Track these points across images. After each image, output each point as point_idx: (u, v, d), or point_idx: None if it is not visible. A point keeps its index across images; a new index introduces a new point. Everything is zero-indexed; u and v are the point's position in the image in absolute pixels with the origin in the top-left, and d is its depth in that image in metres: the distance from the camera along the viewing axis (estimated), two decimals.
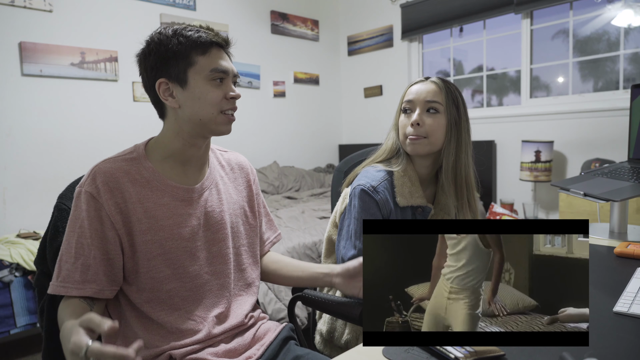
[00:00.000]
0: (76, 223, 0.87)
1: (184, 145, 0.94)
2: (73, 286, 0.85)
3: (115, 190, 0.88)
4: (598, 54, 3.09)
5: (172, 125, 0.93)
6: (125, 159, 0.92)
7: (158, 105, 0.94)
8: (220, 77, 0.91)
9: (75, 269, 0.85)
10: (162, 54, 0.88)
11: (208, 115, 0.90)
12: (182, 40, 0.88)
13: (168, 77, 0.89)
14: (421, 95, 1.16)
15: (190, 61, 0.89)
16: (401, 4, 3.95)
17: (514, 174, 3.36)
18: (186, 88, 0.89)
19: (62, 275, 0.85)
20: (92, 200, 0.86)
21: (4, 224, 2.61)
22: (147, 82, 0.92)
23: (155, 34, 0.91)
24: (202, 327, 0.93)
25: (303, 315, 2.09)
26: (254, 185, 1.12)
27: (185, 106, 0.90)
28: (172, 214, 0.92)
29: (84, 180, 0.88)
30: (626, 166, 1.41)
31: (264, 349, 0.99)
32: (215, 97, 0.90)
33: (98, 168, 0.89)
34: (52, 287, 0.86)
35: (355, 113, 4.54)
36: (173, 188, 0.93)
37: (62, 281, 0.85)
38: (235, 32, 3.74)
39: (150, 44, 0.90)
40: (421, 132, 1.14)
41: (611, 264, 1.06)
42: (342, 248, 1.18)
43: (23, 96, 2.69)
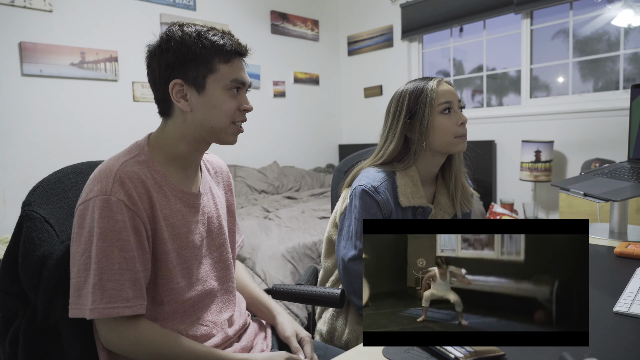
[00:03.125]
0: (114, 235, 0.78)
1: (189, 150, 0.90)
2: (124, 305, 0.77)
3: (143, 196, 0.83)
4: (598, 54, 3.09)
5: (178, 128, 0.88)
6: (137, 161, 0.85)
7: (164, 103, 0.89)
8: (238, 87, 0.88)
9: (122, 286, 0.78)
10: (182, 54, 0.84)
11: (220, 124, 0.87)
12: (206, 44, 0.84)
13: (185, 79, 0.85)
14: (453, 95, 1.19)
15: (212, 67, 0.85)
16: (401, 4, 3.95)
17: (514, 174, 3.36)
18: (203, 94, 0.86)
19: (107, 294, 0.76)
20: (126, 209, 0.79)
21: (4, 224, 2.61)
22: (157, 78, 0.87)
23: (176, 29, 0.86)
24: (216, 332, 0.93)
25: (303, 315, 2.09)
26: (233, 189, 1.12)
27: (198, 111, 0.86)
28: (186, 221, 0.89)
29: (107, 187, 0.79)
30: (626, 166, 1.41)
31: (270, 341, 1.04)
32: (231, 107, 0.87)
33: (120, 172, 0.81)
34: (97, 311, 0.76)
35: (355, 113, 4.54)
36: (184, 194, 0.90)
37: (109, 302, 0.76)
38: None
39: (170, 40, 0.85)
40: (466, 130, 1.20)
41: (611, 264, 1.06)
42: (342, 248, 1.19)
43: (23, 96, 2.69)
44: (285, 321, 1.06)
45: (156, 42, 0.87)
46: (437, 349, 0.66)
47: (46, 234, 0.84)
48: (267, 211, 2.90)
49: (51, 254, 0.84)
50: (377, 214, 1.14)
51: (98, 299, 0.76)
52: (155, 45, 0.87)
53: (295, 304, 2.06)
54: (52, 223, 0.86)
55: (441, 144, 1.17)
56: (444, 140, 1.17)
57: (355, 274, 1.15)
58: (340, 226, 1.23)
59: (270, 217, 2.73)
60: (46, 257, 0.83)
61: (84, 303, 0.77)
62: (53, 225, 0.86)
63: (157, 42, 0.87)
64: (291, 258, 2.24)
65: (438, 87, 1.18)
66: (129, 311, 0.78)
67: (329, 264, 1.33)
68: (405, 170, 1.19)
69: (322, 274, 1.36)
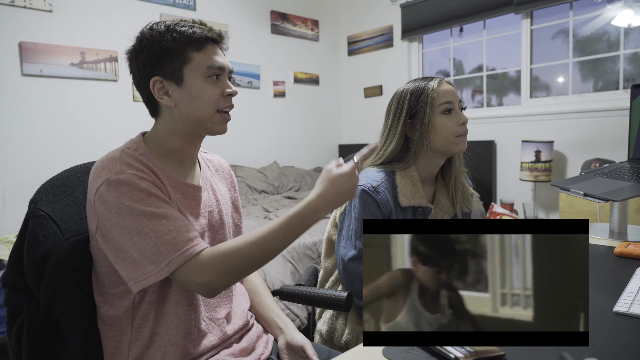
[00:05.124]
0: (142, 200, 0.79)
1: (182, 144, 0.90)
2: (191, 245, 0.78)
3: (152, 173, 0.84)
4: (598, 54, 3.09)
5: (168, 124, 0.89)
6: (136, 152, 0.86)
7: (151, 104, 0.90)
8: (217, 74, 0.88)
9: (179, 232, 0.78)
10: (155, 51, 0.84)
11: (205, 114, 0.87)
12: (175, 36, 0.85)
13: (163, 75, 0.86)
14: (454, 96, 1.19)
15: (186, 58, 0.85)
16: (401, 4, 3.95)
17: (514, 174, 3.36)
18: (182, 86, 0.86)
19: (172, 245, 0.77)
20: (140, 180, 0.80)
21: (4, 224, 2.61)
22: (139, 80, 0.88)
23: (146, 29, 0.86)
24: (212, 329, 0.92)
25: (303, 315, 2.09)
26: (236, 186, 1.12)
27: (182, 105, 0.87)
28: (186, 211, 0.89)
29: (115, 168, 0.80)
30: (626, 166, 1.41)
31: (271, 347, 1.03)
32: (212, 95, 0.87)
33: (124, 157, 0.83)
34: (174, 263, 0.77)
35: (355, 113, 4.54)
36: (183, 185, 0.90)
37: (177, 250, 0.77)
38: (235, 32, 3.74)
39: (141, 40, 0.86)
40: (467, 129, 1.20)
41: (611, 264, 1.06)
42: (342, 248, 1.19)
43: (23, 96, 2.69)
44: (297, 334, 1.03)
45: (131, 46, 0.88)
46: (437, 349, 0.66)
47: (50, 231, 0.86)
48: (267, 211, 2.90)
49: (54, 251, 0.85)
50: (377, 214, 1.14)
51: (167, 253, 0.77)
52: (130, 49, 0.88)
53: (295, 304, 2.06)
54: (57, 221, 0.87)
55: (442, 144, 1.17)
56: (444, 140, 1.17)
57: (355, 274, 1.15)
58: (340, 226, 1.23)
59: (270, 217, 2.73)
60: (49, 254, 0.84)
61: (154, 268, 0.77)
62: (58, 222, 0.87)
63: (132, 46, 0.88)
64: (291, 258, 2.24)
65: (439, 87, 1.18)
66: (199, 247, 0.79)
67: (329, 264, 1.33)
68: (405, 170, 1.19)
69: (322, 274, 1.36)
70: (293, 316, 2.05)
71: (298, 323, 2.05)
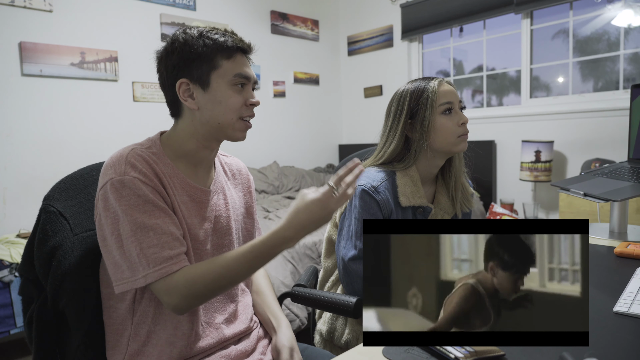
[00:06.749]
0: (138, 207, 0.81)
1: (198, 147, 0.92)
2: (169, 263, 0.81)
3: (154, 177, 0.85)
4: (598, 54, 3.09)
5: (188, 126, 0.91)
6: (149, 151, 0.88)
7: (174, 105, 0.92)
8: (242, 83, 0.90)
9: (162, 248, 0.81)
10: (186, 54, 0.87)
11: (227, 120, 0.89)
12: (208, 42, 0.87)
13: (190, 77, 0.88)
14: (454, 96, 1.19)
15: (215, 64, 0.88)
16: (401, 4, 3.95)
17: (514, 174, 3.36)
18: (208, 91, 0.88)
19: (152, 259, 0.80)
20: (142, 184, 0.82)
21: (4, 224, 2.61)
22: (165, 80, 0.90)
23: (180, 32, 0.89)
24: (210, 333, 0.93)
25: (303, 315, 2.09)
26: (253, 192, 1.12)
27: (205, 109, 0.88)
28: (191, 214, 0.90)
29: (120, 169, 0.82)
30: (626, 166, 1.41)
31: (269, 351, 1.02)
32: (236, 102, 0.89)
33: (131, 156, 0.84)
34: (150, 276, 0.80)
35: (355, 113, 4.54)
36: (192, 187, 0.91)
37: (156, 265, 0.80)
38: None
39: (174, 42, 0.88)
40: (467, 129, 1.20)
41: (611, 264, 1.06)
42: (342, 248, 1.19)
43: (23, 96, 2.69)
44: (288, 333, 1.03)
45: (163, 47, 0.91)
46: (437, 349, 0.66)
47: (59, 227, 0.91)
48: (267, 211, 2.90)
49: (61, 245, 0.90)
50: (377, 213, 1.14)
51: (145, 266, 0.80)
52: (161, 49, 0.91)
53: (295, 304, 2.06)
54: (67, 217, 0.92)
55: (442, 144, 1.17)
56: (445, 141, 1.17)
57: (355, 274, 1.15)
58: (340, 226, 1.23)
59: (270, 217, 2.73)
60: (57, 248, 0.89)
61: (131, 276, 0.81)
62: (68, 218, 0.92)
63: (164, 47, 0.91)
64: (291, 258, 2.24)
65: (439, 87, 1.18)
66: (176, 266, 0.81)
67: (329, 264, 1.33)
68: (406, 170, 1.19)
69: (322, 274, 1.36)
70: (293, 316, 2.05)
71: (298, 323, 2.05)
